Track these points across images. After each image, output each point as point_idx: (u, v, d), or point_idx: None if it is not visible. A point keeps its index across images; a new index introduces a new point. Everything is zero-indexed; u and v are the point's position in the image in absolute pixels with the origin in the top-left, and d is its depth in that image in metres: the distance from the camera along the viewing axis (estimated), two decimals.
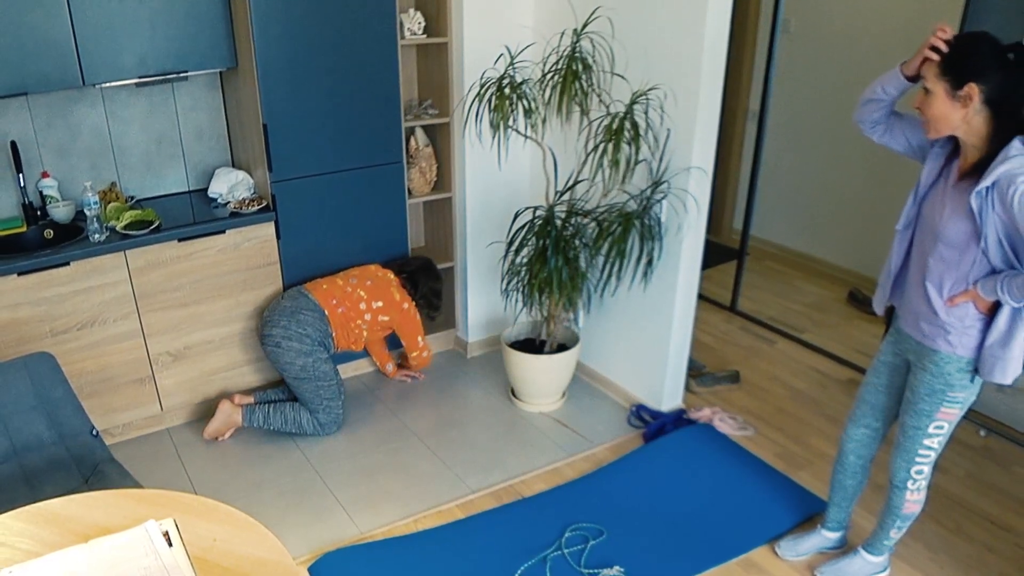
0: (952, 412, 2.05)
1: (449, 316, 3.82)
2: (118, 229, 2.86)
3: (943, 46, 1.80)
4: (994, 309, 1.91)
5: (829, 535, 2.52)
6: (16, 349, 2.73)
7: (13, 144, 2.84)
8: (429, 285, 3.35)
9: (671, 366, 3.18)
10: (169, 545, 1.60)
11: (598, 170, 2.95)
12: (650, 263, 3.00)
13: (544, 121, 3.10)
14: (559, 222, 3.03)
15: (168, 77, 2.90)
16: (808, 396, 3.46)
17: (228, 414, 3.09)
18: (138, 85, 3.06)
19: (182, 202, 3.21)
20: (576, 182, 3.11)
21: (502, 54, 3.27)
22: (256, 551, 1.63)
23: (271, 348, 3.00)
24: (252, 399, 3.20)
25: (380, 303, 3.16)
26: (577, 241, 3.05)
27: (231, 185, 3.17)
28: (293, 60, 2.91)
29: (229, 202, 3.14)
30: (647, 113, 2.91)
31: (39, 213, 2.98)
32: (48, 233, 2.90)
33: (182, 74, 2.92)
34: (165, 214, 3.04)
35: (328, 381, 3.06)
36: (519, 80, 2.90)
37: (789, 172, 4.68)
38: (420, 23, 3.24)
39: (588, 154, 2.99)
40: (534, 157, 3.54)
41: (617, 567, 2.47)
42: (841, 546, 2.55)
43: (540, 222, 3.04)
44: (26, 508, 1.73)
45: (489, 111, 2.89)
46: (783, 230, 4.83)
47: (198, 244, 2.96)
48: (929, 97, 1.85)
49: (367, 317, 3.13)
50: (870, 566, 2.41)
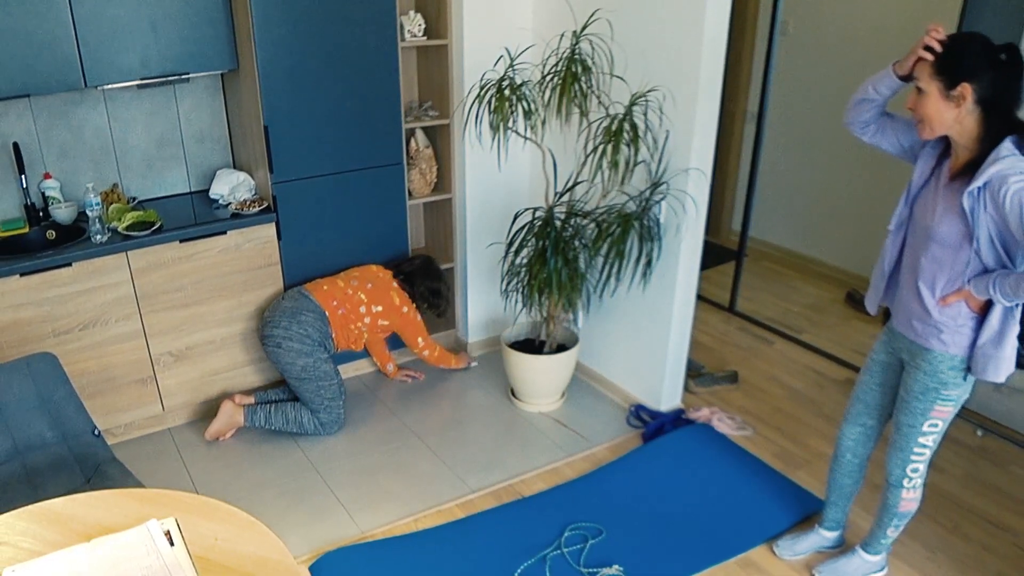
0: (946, 410, 2.07)
1: (449, 316, 3.83)
2: (120, 230, 2.87)
3: (937, 46, 1.81)
4: (986, 308, 1.92)
5: (827, 534, 2.53)
6: (19, 349, 2.74)
7: (15, 145, 2.85)
8: (426, 284, 3.35)
9: (670, 366, 3.19)
10: (171, 544, 1.60)
11: (597, 171, 2.96)
12: (649, 264, 3.01)
13: (544, 123, 3.12)
14: (558, 223, 3.04)
15: (170, 79, 2.91)
16: (806, 396, 3.47)
17: (230, 414, 3.10)
18: (140, 87, 3.07)
19: (183, 203, 3.22)
20: (575, 183, 3.12)
21: (502, 56, 3.28)
22: (257, 550, 1.63)
23: (272, 348, 3.01)
24: (253, 399, 3.21)
25: (380, 307, 3.17)
26: (576, 242, 3.06)
27: (232, 186, 3.19)
28: (294, 62, 2.92)
29: (230, 203, 3.15)
30: (646, 115, 2.92)
31: (41, 214, 2.99)
32: (50, 234, 2.91)
33: (184, 76, 2.93)
34: (167, 215, 3.05)
35: (329, 381, 3.07)
36: (519, 82, 2.91)
37: (787, 173, 4.68)
38: (420, 25, 3.25)
39: (587, 155, 3.00)
40: (534, 158, 3.55)
41: (616, 566, 2.48)
42: (839, 545, 2.56)
43: (540, 223, 3.05)
44: (28, 508, 1.73)
45: (489, 113, 2.90)
46: (781, 231, 4.84)
47: (199, 245, 2.97)
48: (922, 97, 1.85)
49: (367, 320, 3.14)
50: (868, 565, 2.42)
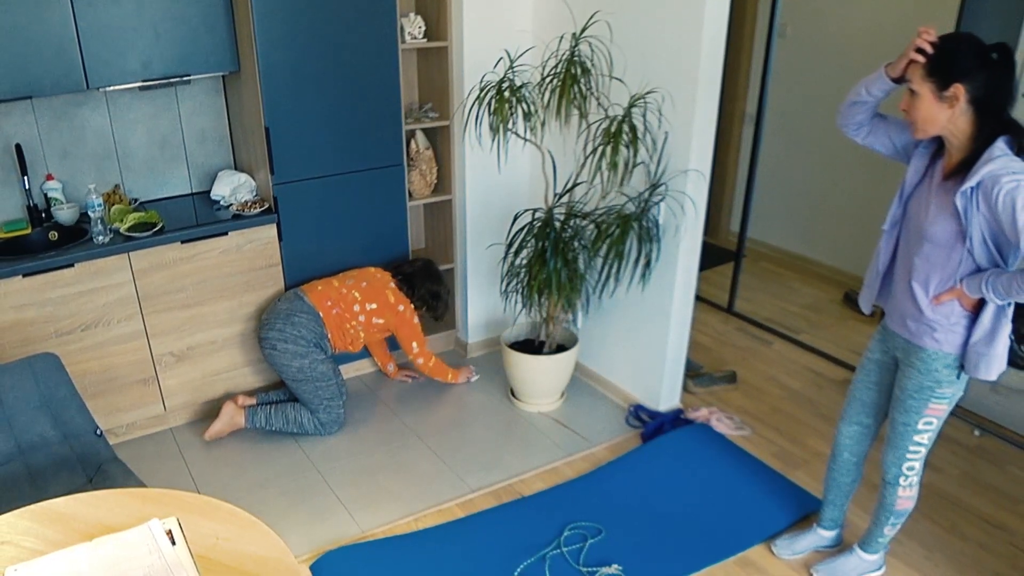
0: (940, 408, 2.08)
1: (449, 317, 3.84)
2: (122, 231, 2.88)
3: (928, 48, 1.82)
4: (979, 307, 1.94)
5: (825, 534, 2.54)
6: (21, 350, 2.75)
7: (18, 147, 2.87)
8: (427, 287, 3.32)
9: (669, 366, 3.20)
10: (172, 543, 1.60)
11: (596, 172, 2.97)
12: (648, 265, 3.03)
13: (543, 124, 3.13)
14: (558, 224, 3.05)
15: (171, 81, 2.93)
16: (804, 396, 3.48)
17: (231, 415, 3.11)
18: (142, 89, 3.09)
19: (185, 204, 3.23)
20: (575, 184, 3.13)
21: (501, 58, 3.29)
22: (258, 549, 1.64)
23: (268, 351, 3.02)
24: (254, 400, 3.22)
25: (374, 305, 3.16)
26: (576, 243, 3.07)
27: (233, 187, 3.20)
28: (295, 64, 2.94)
29: (231, 204, 3.16)
30: (645, 116, 2.93)
31: (44, 215, 3.00)
32: (52, 235, 2.92)
33: (185, 78, 2.95)
34: (168, 216, 3.06)
35: (327, 381, 3.08)
36: (518, 84, 2.92)
37: (785, 175, 4.70)
38: (420, 27, 3.26)
39: (587, 157, 3.01)
40: (533, 160, 3.57)
41: (615, 565, 2.49)
42: (837, 545, 2.57)
43: (539, 224, 3.06)
44: (31, 507, 1.74)
45: (489, 114, 2.91)
46: (779, 232, 4.85)
47: (201, 246, 2.99)
48: (915, 98, 1.87)
49: (361, 319, 3.14)
50: (865, 564, 2.43)
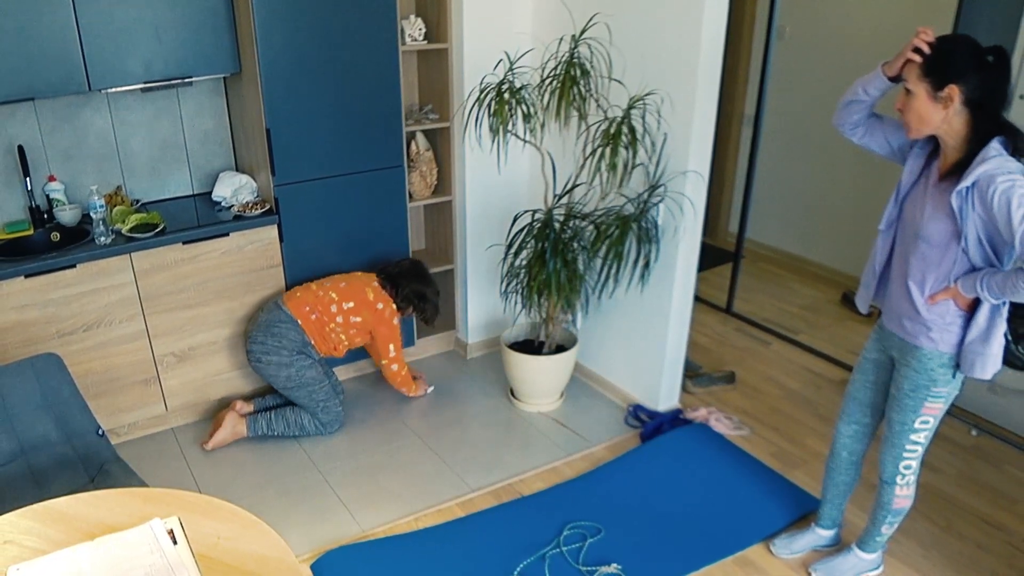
0: (936, 407, 2.09)
1: (449, 318, 3.86)
2: (123, 232, 2.89)
3: (926, 48, 1.83)
4: (973, 306, 1.95)
5: (823, 533, 2.55)
6: (23, 350, 2.76)
7: (20, 148, 2.88)
8: (411, 287, 3.22)
9: (668, 367, 3.21)
10: (174, 543, 1.61)
11: (596, 174, 2.98)
12: (647, 265, 3.04)
13: (543, 126, 3.13)
14: (557, 225, 3.06)
15: (173, 83, 2.94)
16: (802, 396, 3.49)
17: (233, 425, 3.11)
18: (143, 90, 3.10)
19: (186, 205, 3.24)
20: (574, 186, 3.15)
21: (501, 60, 3.30)
22: (259, 549, 1.64)
23: (254, 364, 3.05)
24: (252, 406, 3.22)
25: (351, 303, 3.08)
26: (575, 244, 3.08)
27: (235, 189, 3.21)
28: (296, 66, 2.95)
29: (233, 205, 3.17)
30: (644, 118, 2.94)
31: (46, 216, 3.01)
32: (55, 236, 2.93)
33: (187, 80, 2.96)
34: (170, 217, 3.08)
35: (319, 385, 3.09)
36: (518, 85, 2.93)
37: (784, 176, 4.71)
38: (421, 29, 3.28)
39: (586, 158, 3.02)
40: (533, 161, 3.58)
41: (614, 565, 2.50)
42: (835, 544, 2.58)
43: (539, 225, 3.07)
44: (33, 507, 1.74)
45: (489, 116, 2.92)
46: (778, 233, 4.87)
47: (202, 247, 3.00)
48: (910, 98, 1.88)
49: (339, 320, 3.07)
50: (863, 563, 2.44)
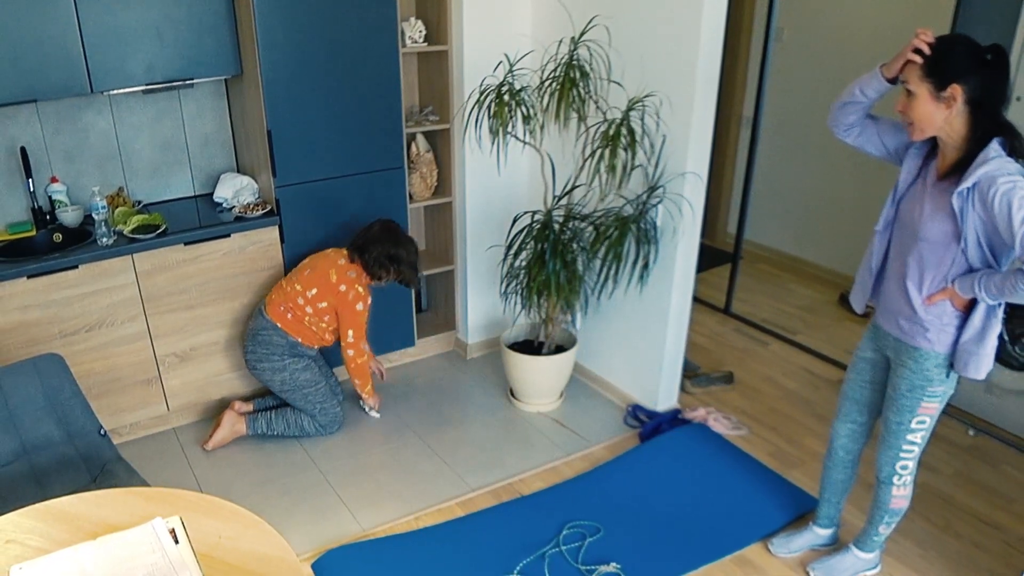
0: (932, 406, 2.11)
1: (450, 318, 3.87)
2: (125, 233, 2.91)
3: (926, 48, 1.83)
4: (969, 307, 1.96)
5: (821, 532, 2.56)
6: (26, 350, 2.77)
7: (23, 150, 2.89)
8: (379, 249, 2.99)
9: (666, 367, 3.23)
10: (175, 542, 1.62)
11: (595, 175, 2.99)
12: (646, 266, 3.05)
13: (542, 127, 3.14)
14: (557, 226, 3.07)
15: (174, 84, 2.95)
16: (800, 396, 3.51)
17: (232, 424, 3.12)
18: (145, 92, 3.11)
19: (188, 206, 3.26)
20: (574, 187, 3.16)
21: (501, 62, 3.31)
22: (260, 548, 1.65)
23: (250, 370, 3.08)
24: (251, 406, 3.23)
25: (314, 290, 2.98)
26: (575, 245, 3.09)
27: (236, 190, 3.22)
28: (297, 68, 2.96)
29: (234, 206, 3.18)
30: (643, 119, 2.95)
31: (48, 217, 3.03)
32: (57, 237, 2.94)
33: (188, 81, 2.97)
34: (171, 218, 3.09)
35: (314, 387, 3.09)
36: (518, 87, 2.94)
37: (782, 177, 4.72)
38: (421, 31, 3.29)
39: (585, 159, 3.03)
40: (533, 162, 3.59)
41: (614, 564, 2.50)
42: (833, 543, 2.59)
43: (538, 226, 3.08)
44: (36, 506, 1.75)
45: (488, 117, 2.93)
46: (776, 234, 4.88)
47: (204, 248, 3.01)
48: (912, 99, 1.87)
49: (308, 310, 2.99)
50: (861, 563, 2.46)
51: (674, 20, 2.76)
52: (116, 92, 3.00)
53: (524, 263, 3.14)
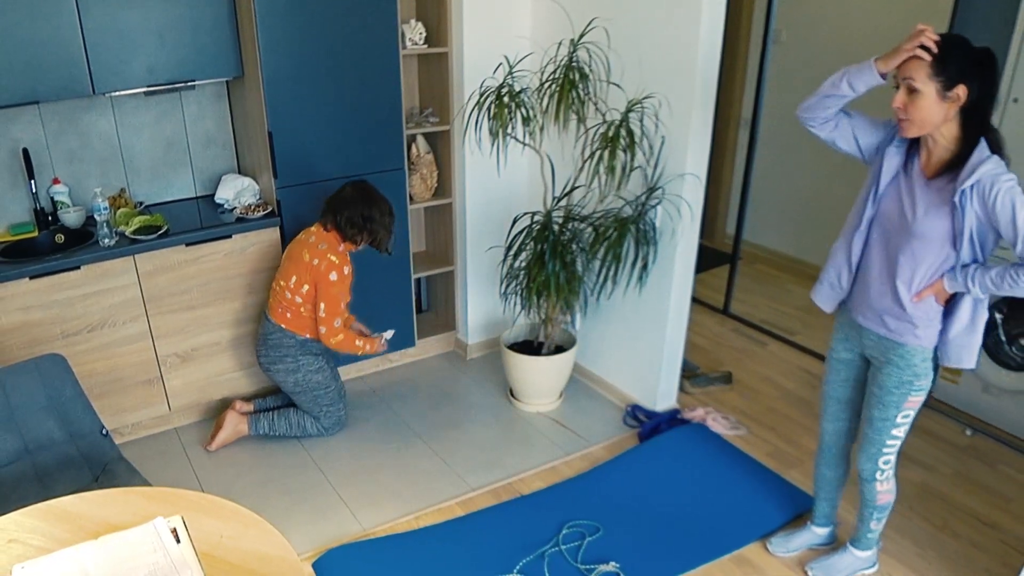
0: (918, 399, 2.12)
1: (450, 319, 3.88)
2: (127, 234, 2.92)
3: (933, 46, 1.79)
4: (950, 301, 1.99)
5: (818, 531, 2.58)
6: (28, 351, 2.78)
7: (25, 151, 2.90)
8: (351, 209, 2.87)
9: (665, 367, 3.23)
10: (177, 542, 1.63)
11: (594, 176, 3.00)
12: (645, 267, 3.06)
13: (542, 129, 3.15)
14: (556, 227, 3.08)
15: (176, 86, 2.96)
16: (798, 396, 3.52)
17: (235, 424, 3.13)
18: (147, 94, 3.12)
19: (189, 207, 3.27)
20: (573, 188, 3.17)
21: (501, 63, 3.32)
22: (261, 547, 1.65)
23: (265, 372, 3.10)
24: (253, 407, 3.24)
25: (294, 277, 2.90)
26: (574, 246, 3.10)
27: (237, 191, 3.23)
28: (297, 69, 2.97)
29: (235, 207, 3.19)
30: (642, 121, 2.96)
31: (50, 218, 3.04)
32: (59, 238, 2.95)
33: (190, 83, 2.98)
34: (173, 219, 3.10)
35: (324, 389, 3.10)
36: (517, 89, 2.95)
37: (780, 178, 4.73)
38: (421, 33, 3.30)
39: (585, 161, 3.04)
40: (532, 164, 3.60)
41: (613, 563, 2.51)
42: (831, 542, 2.60)
43: (538, 227, 3.09)
44: (38, 506, 1.75)
45: (488, 119, 2.94)
46: (775, 235, 4.89)
47: (205, 248, 3.02)
48: (916, 97, 1.83)
49: (298, 300, 2.92)
50: (859, 561, 2.47)
51: (673, 22, 2.77)
52: (118, 94, 3.01)
53: (524, 264, 3.15)
